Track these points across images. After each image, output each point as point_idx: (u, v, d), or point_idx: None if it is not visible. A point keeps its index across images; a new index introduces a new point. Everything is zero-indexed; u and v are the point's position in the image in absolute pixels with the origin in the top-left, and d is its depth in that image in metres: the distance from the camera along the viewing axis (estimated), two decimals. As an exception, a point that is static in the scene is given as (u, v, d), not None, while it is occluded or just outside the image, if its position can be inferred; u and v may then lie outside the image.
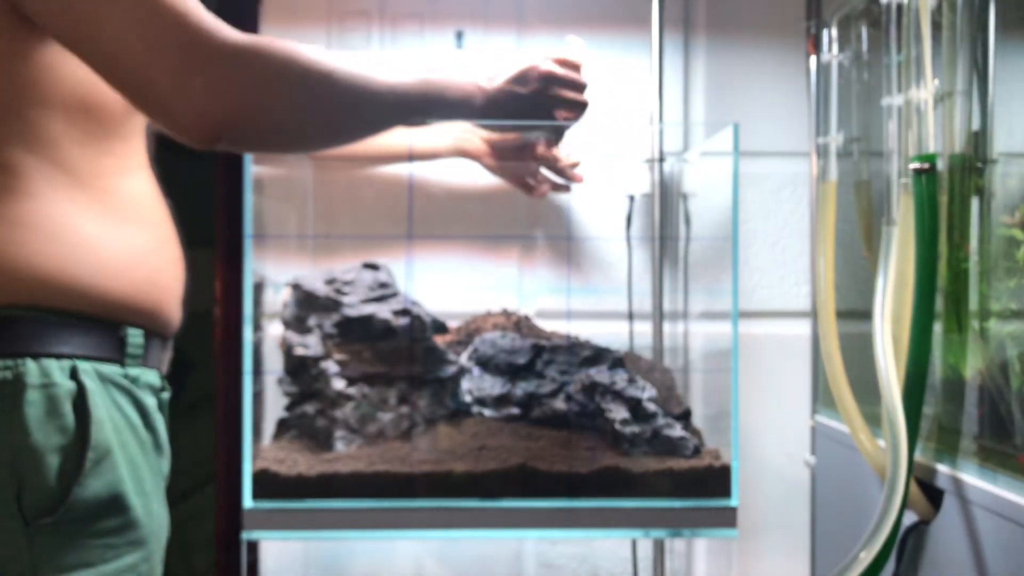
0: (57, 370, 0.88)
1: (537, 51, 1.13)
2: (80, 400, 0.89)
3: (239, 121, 0.88)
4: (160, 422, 0.99)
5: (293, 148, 1.08)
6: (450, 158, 1.32)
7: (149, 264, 0.97)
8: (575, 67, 1.14)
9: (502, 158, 1.33)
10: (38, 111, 0.88)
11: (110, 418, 0.91)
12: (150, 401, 0.97)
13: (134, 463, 0.93)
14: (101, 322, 0.92)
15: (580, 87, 1.13)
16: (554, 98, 1.11)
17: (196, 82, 0.85)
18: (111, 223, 0.94)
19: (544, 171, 1.33)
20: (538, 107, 1.11)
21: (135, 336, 0.95)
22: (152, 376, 0.99)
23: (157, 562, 0.97)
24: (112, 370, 0.93)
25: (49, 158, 0.89)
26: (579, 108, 1.14)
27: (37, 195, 0.89)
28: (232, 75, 0.87)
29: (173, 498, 1.00)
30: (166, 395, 1.03)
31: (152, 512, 0.95)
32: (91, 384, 0.90)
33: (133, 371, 0.95)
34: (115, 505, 0.90)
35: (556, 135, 1.22)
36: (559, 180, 1.33)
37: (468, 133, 1.31)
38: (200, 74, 0.85)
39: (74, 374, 0.89)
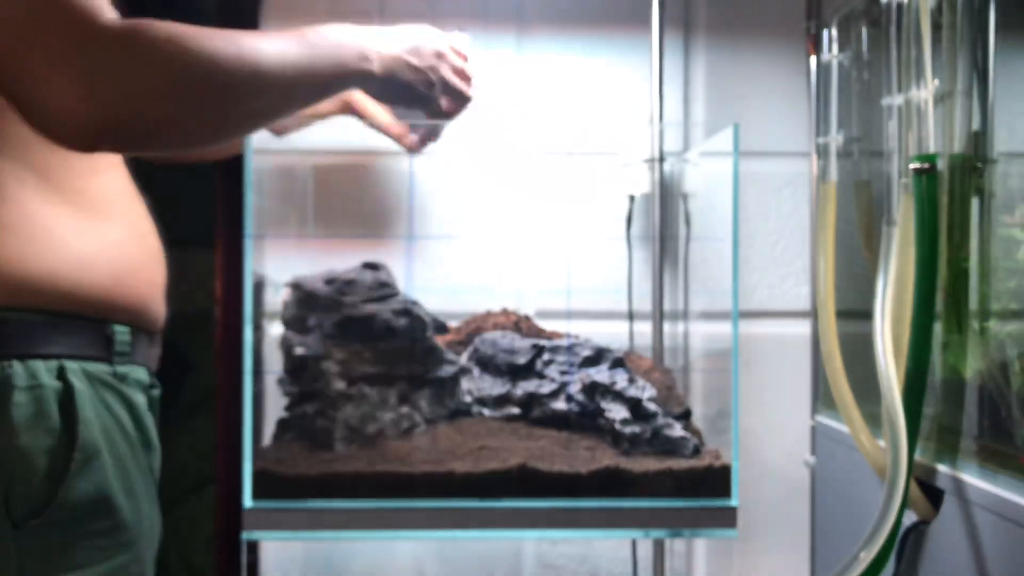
0: (44, 371, 0.88)
1: (427, 31, 1.09)
2: (67, 400, 0.88)
3: (123, 113, 0.76)
4: (150, 419, 0.99)
5: (186, 143, 0.90)
6: (337, 115, 1.24)
7: (129, 259, 0.96)
8: (463, 58, 1.12)
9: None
10: (6, 116, 0.83)
11: (98, 417, 0.90)
12: (139, 399, 0.97)
13: (123, 463, 0.92)
14: (87, 320, 0.92)
15: (467, 77, 1.11)
16: (442, 82, 1.07)
17: (73, 70, 0.74)
18: (87, 221, 0.93)
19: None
20: (425, 87, 1.06)
21: (122, 333, 0.95)
22: (141, 373, 0.98)
23: (148, 563, 0.97)
24: (100, 368, 0.92)
25: (21, 161, 0.88)
26: (463, 100, 1.12)
27: (11, 198, 0.88)
28: (114, 62, 0.75)
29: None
30: (156, 392, 1.02)
31: (141, 513, 0.95)
32: (79, 384, 0.89)
33: (121, 369, 0.95)
34: (103, 506, 0.90)
35: (435, 129, 1.19)
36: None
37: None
38: (78, 60, 0.74)
39: (61, 374, 0.89)
